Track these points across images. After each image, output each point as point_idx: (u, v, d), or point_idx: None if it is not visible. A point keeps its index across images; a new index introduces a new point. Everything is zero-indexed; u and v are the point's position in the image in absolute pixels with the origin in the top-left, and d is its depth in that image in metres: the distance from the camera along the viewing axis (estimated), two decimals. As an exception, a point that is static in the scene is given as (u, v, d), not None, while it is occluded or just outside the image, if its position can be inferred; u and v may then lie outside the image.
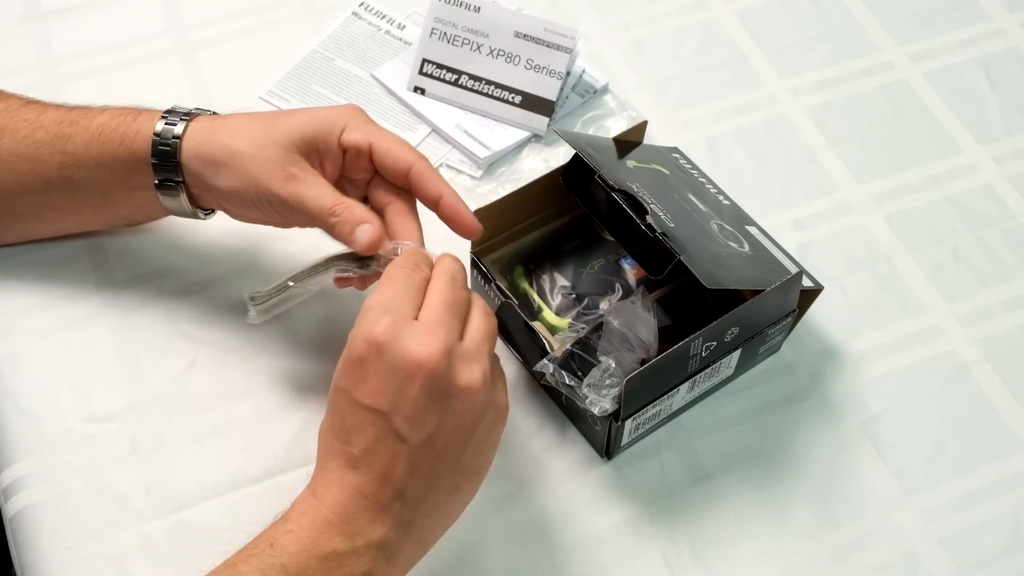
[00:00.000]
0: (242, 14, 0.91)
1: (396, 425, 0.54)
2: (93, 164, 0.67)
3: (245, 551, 0.55)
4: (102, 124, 0.67)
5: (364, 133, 0.64)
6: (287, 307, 0.65)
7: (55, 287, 0.74)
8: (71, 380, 0.71)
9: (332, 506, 0.54)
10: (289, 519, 0.55)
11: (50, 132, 0.67)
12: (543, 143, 0.84)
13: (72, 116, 0.68)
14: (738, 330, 0.66)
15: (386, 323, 0.54)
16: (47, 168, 0.67)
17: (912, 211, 0.82)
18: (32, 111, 0.69)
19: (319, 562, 0.53)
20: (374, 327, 0.54)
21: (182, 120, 0.65)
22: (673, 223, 0.66)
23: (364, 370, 0.54)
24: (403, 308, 0.55)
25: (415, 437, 0.54)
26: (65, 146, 0.67)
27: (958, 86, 0.90)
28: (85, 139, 0.67)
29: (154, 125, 0.65)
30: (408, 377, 0.53)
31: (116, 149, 0.66)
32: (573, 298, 0.72)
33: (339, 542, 0.54)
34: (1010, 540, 0.68)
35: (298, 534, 0.54)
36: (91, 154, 0.67)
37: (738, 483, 0.69)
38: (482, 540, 0.66)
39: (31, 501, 0.66)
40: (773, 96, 0.88)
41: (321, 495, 0.55)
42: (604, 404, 0.64)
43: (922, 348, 0.75)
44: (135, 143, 0.66)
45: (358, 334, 0.54)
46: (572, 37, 0.83)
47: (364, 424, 0.54)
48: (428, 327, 0.54)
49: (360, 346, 0.54)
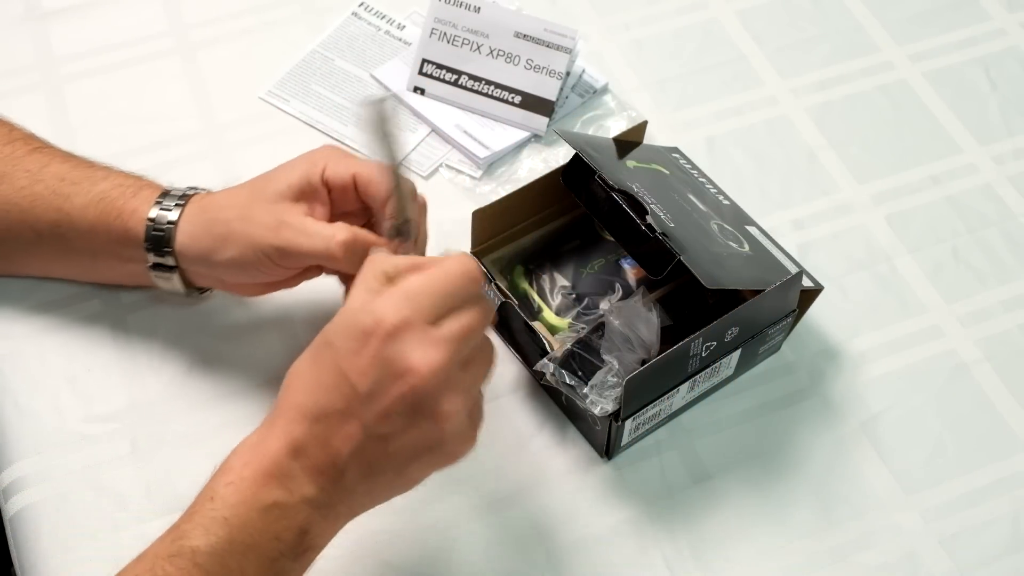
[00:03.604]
0: (242, 14, 0.91)
1: (364, 411, 0.53)
2: (87, 229, 0.67)
3: (188, 509, 0.55)
4: (103, 192, 0.67)
5: (345, 167, 0.64)
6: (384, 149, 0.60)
7: (55, 287, 0.74)
8: (71, 380, 0.71)
9: (274, 457, 0.54)
10: (231, 469, 0.54)
11: (49, 187, 0.67)
12: (543, 143, 0.84)
13: (74, 175, 0.68)
14: (738, 330, 0.66)
15: (404, 316, 0.52)
16: (40, 223, 0.67)
17: (912, 211, 0.82)
18: (36, 162, 0.69)
19: (259, 514, 0.53)
20: (392, 312, 0.52)
21: (177, 205, 0.66)
22: (673, 223, 0.66)
23: (362, 344, 0.52)
24: (429, 308, 0.53)
25: (374, 430, 0.53)
26: (62, 204, 0.67)
27: (958, 86, 0.90)
28: (83, 203, 0.67)
29: (150, 208, 0.66)
30: (396, 377, 0.53)
31: (112, 222, 0.66)
32: (573, 298, 0.72)
33: (278, 494, 0.53)
34: (1010, 540, 0.68)
35: (238, 486, 0.53)
36: (87, 219, 0.67)
37: (738, 483, 0.69)
38: (482, 540, 0.66)
39: (31, 501, 0.66)
40: (773, 96, 0.88)
41: (266, 445, 0.54)
42: (604, 404, 0.64)
43: (922, 348, 0.75)
44: (131, 221, 0.66)
45: (376, 306, 0.52)
46: (572, 37, 0.83)
47: (336, 391, 0.53)
48: (438, 341, 0.53)
49: (369, 321, 0.52)
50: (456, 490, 0.68)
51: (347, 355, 0.53)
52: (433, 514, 0.67)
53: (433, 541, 0.66)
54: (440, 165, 0.83)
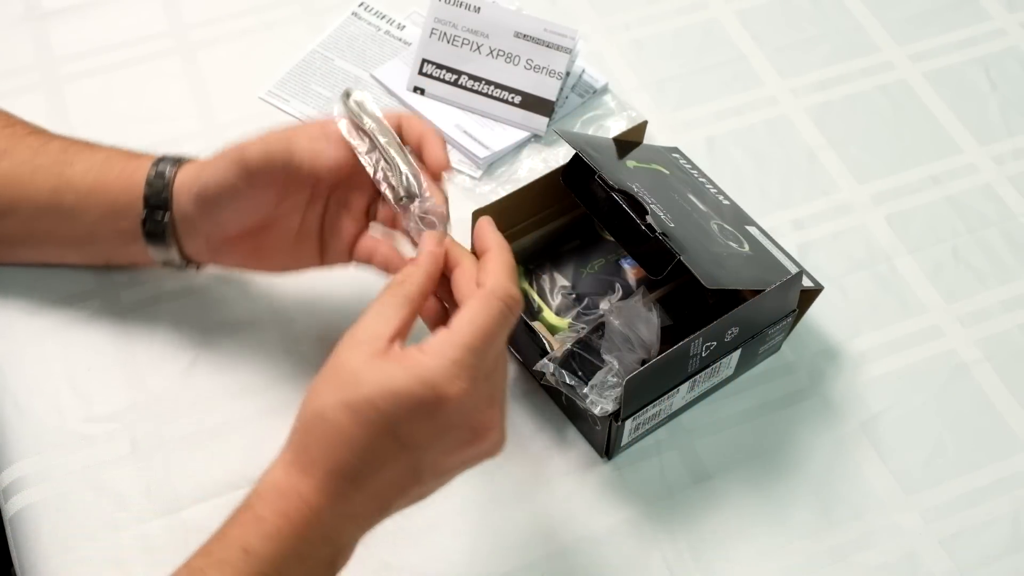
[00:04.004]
0: (242, 14, 0.91)
1: (422, 471, 0.54)
2: (86, 191, 0.67)
3: (213, 554, 0.53)
4: (106, 156, 0.67)
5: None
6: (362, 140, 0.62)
7: (55, 287, 0.74)
8: (71, 380, 0.71)
9: (320, 516, 0.52)
10: (265, 520, 0.52)
11: (51, 158, 0.68)
12: (543, 143, 0.84)
13: (77, 147, 0.69)
14: (738, 330, 0.66)
15: (463, 387, 0.52)
16: (39, 192, 0.67)
17: (912, 211, 0.82)
18: (37, 139, 0.69)
19: (297, 563, 0.52)
20: (449, 384, 0.51)
21: (181, 160, 0.66)
22: (673, 223, 0.66)
23: (420, 415, 0.52)
24: (479, 365, 0.53)
25: (430, 479, 0.55)
26: (64, 170, 0.67)
27: (958, 86, 0.90)
28: (85, 166, 0.67)
29: (152, 162, 0.66)
30: (463, 443, 0.54)
31: (113, 179, 0.66)
32: (573, 298, 0.72)
33: (320, 547, 0.53)
34: (1010, 540, 0.68)
35: (277, 539, 0.52)
36: (86, 181, 0.67)
37: (738, 483, 0.69)
38: (482, 540, 0.66)
39: (31, 501, 0.66)
40: (773, 96, 0.88)
41: (310, 501, 0.52)
42: (604, 404, 0.64)
43: (922, 348, 0.75)
44: (133, 175, 0.66)
45: (433, 377, 0.51)
46: (572, 37, 0.83)
47: (390, 454, 0.52)
48: (493, 392, 0.54)
49: (429, 394, 0.51)
50: (456, 490, 0.68)
51: (401, 424, 0.52)
52: (433, 514, 0.67)
53: (433, 541, 0.66)
54: (440, 165, 0.83)
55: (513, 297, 0.55)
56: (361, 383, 0.52)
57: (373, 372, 0.52)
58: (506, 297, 0.54)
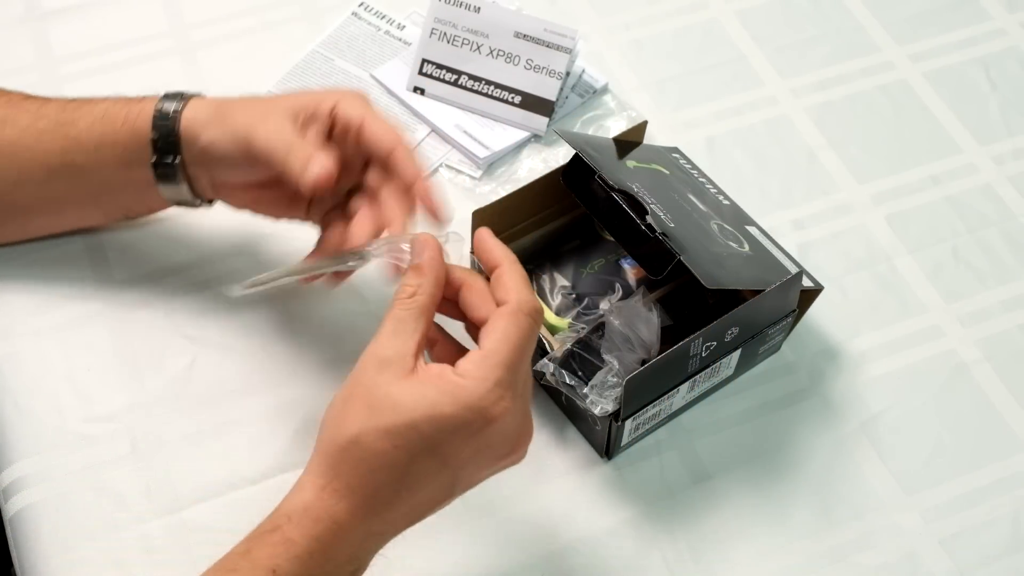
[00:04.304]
0: (242, 14, 0.91)
1: (458, 485, 0.54)
2: (94, 147, 0.67)
3: (240, 572, 0.52)
4: (106, 108, 0.67)
5: (360, 111, 0.63)
6: (270, 287, 0.63)
7: (55, 287, 0.74)
8: (71, 380, 0.71)
9: (351, 539, 0.53)
10: (296, 543, 0.52)
11: (52, 120, 0.68)
12: (543, 143, 0.84)
13: (75, 104, 0.68)
14: (738, 330, 0.66)
15: (504, 407, 0.52)
16: (48, 155, 0.67)
17: (912, 211, 0.82)
18: (34, 103, 0.69)
19: None
20: (490, 403, 0.52)
21: (184, 97, 0.66)
22: (673, 223, 0.66)
23: (464, 436, 0.52)
24: (514, 380, 0.53)
25: (462, 492, 0.56)
26: (68, 131, 0.67)
27: (958, 86, 0.90)
28: (88, 122, 0.67)
29: (155, 103, 0.66)
30: (501, 457, 0.54)
31: (119, 129, 0.66)
32: (573, 298, 0.72)
33: (346, 565, 0.54)
34: (1010, 540, 0.68)
35: (307, 562, 0.52)
36: (93, 136, 0.66)
37: (738, 483, 0.69)
38: (482, 540, 0.66)
39: (31, 501, 0.66)
40: (773, 96, 0.88)
41: (344, 525, 0.52)
42: (604, 404, 0.64)
43: (922, 348, 0.75)
44: (137, 121, 0.66)
45: (472, 399, 0.51)
46: (572, 37, 0.83)
47: (429, 473, 0.53)
48: (527, 410, 0.55)
49: (471, 416, 0.51)
50: (456, 490, 0.68)
51: (444, 444, 0.52)
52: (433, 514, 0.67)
53: (433, 541, 0.66)
54: (440, 165, 0.83)
55: (537, 311, 0.55)
56: (399, 409, 0.51)
57: (410, 396, 0.51)
58: (532, 312, 0.55)
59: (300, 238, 0.71)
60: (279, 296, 0.74)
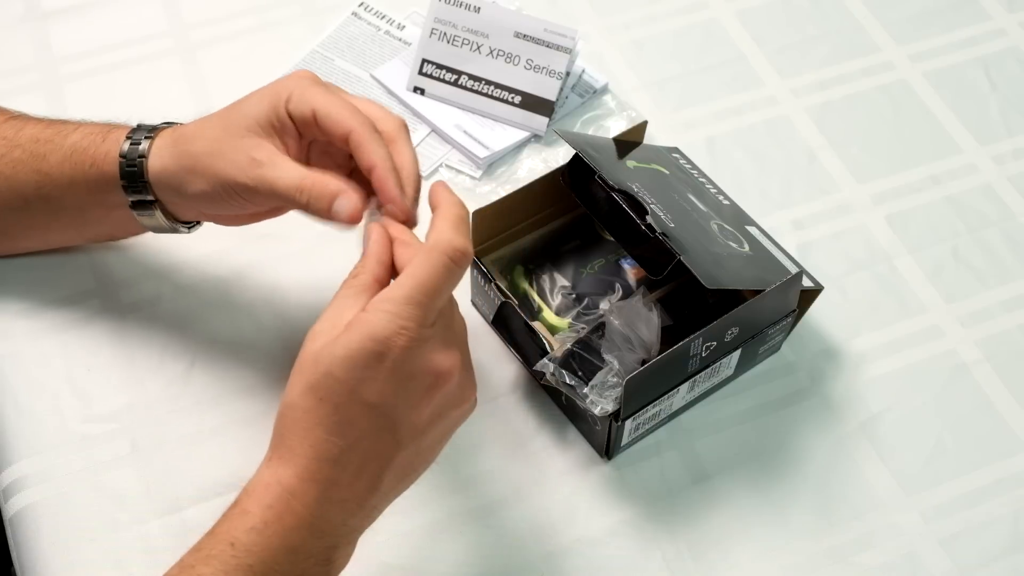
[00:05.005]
0: (242, 14, 0.91)
1: (398, 429, 0.53)
2: (67, 184, 0.66)
3: (202, 550, 0.53)
4: (74, 144, 0.66)
5: (307, 101, 0.60)
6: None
7: (55, 288, 0.74)
8: (71, 380, 0.71)
9: (305, 501, 0.52)
10: (250, 512, 0.53)
11: (26, 151, 0.67)
12: (543, 143, 0.84)
13: (48, 134, 0.67)
14: (738, 330, 0.66)
15: (409, 334, 0.52)
16: (25, 187, 0.67)
17: (912, 211, 0.82)
18: (11, 128, 0.68)
19: (286, 556, 0.53)
20: (395, 332, 0.52)
21: (147, 138, 0.64)
22: (673, 223, 0.66)
23: (376, 370, 0.52)
24: (424, 314, 0.53)
25: (411, 443, 0.54)
26: (40, 165, 0.66)
27: (958, 86, 0.90)
28: (59, 159, 0.66)
29: (120, 146, 0.64)
30: (428, 388, 0.53)
31: (87, 171, 0.65)
32: (573, 298, 0.72)
33: (309, 539, 0.53)
34: (1010, 540, 0.68)
35: (263, 532, 0.52)
36: (64, 174, 0.66)
37: (738, 483, 0.69)
38: (482, 540, 0.66)
39: (31, 501, 0.66)
40: (773, 96, 0.88)
41: (293, 489, 0.53)
42: (604, 404, 0.64)
43: (922, 348, 0.75)
44: (104, 164, 0.65)
45: (376, 330, 0.52)
46: (572, 37, 0.83)
47: (361, 419, 0.52)
48: (447, 337, 0.54)
49: (375, 347, 0.52)
50: (456, 490, 0.68)
51: (364, 384, 0.52)
52: (432, 514, 0.67)
53: (433, 541, 0.66)
54: (440, 165, 0.83)
55: (458, 250, 0.54)
56: (319, 362, 0.52)
57: (329, 348, 0.52)
58: (449, 250, 0.53)
59: (300, 238, 0.71)
60: (279, 296, 0.74)
